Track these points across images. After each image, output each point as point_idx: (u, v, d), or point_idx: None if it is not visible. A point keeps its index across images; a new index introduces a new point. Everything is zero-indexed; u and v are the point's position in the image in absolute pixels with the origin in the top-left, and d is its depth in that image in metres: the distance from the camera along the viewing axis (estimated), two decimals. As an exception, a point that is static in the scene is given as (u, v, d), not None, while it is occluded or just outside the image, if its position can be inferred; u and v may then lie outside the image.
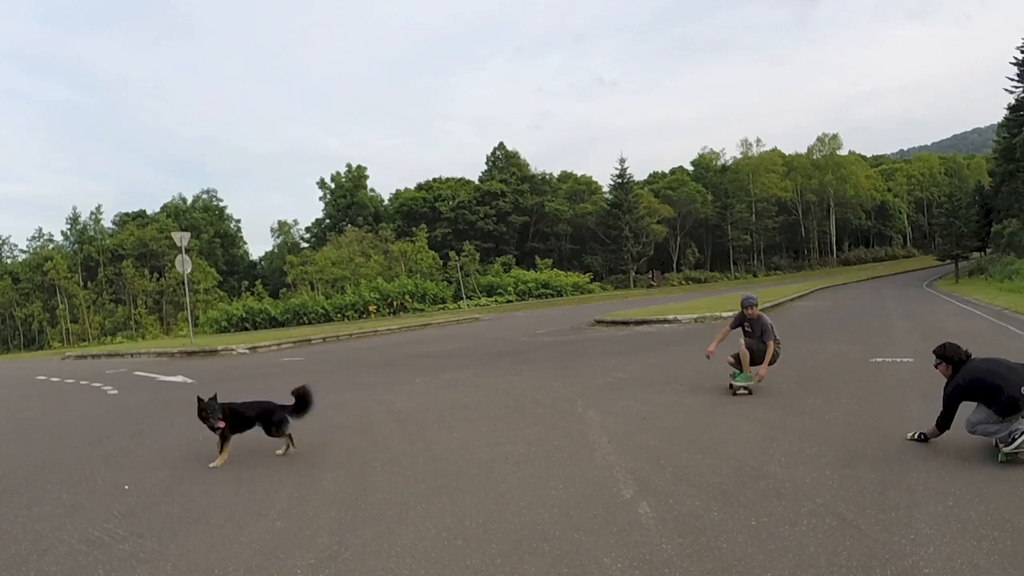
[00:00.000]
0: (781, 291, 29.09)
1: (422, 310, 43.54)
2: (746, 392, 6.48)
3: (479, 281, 52.67)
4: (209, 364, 14.98)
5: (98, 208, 76.91)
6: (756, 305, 6.77)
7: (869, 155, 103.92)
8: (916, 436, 4.52)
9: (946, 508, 3.27)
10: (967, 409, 4.22)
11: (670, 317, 16.87)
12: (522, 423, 5.85)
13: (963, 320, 13.81)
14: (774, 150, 77.14)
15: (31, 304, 54.73)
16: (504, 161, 72.83)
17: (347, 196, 70.47)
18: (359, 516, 3.68)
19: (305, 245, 71.41)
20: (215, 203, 76.19)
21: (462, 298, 47.35)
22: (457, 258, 52.16)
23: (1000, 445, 4.02)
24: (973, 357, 4.34)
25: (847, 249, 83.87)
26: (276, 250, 76.19)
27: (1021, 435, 3.91)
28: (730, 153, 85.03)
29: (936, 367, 4.47)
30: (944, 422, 4.30)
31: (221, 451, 5.08)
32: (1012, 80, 39.20)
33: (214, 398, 5.05)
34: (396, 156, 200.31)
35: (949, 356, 4.35)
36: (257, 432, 5.00)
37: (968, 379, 4.17)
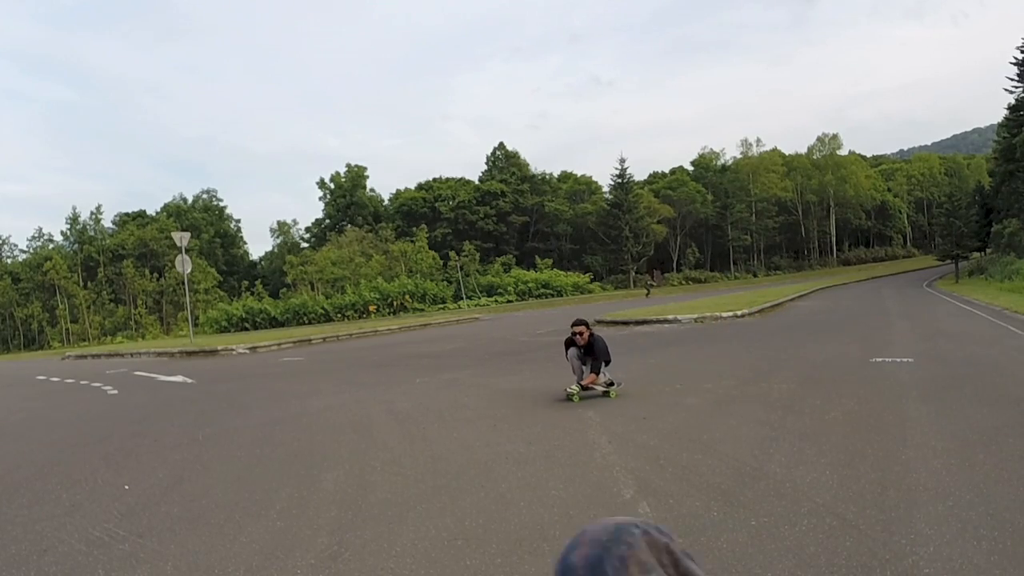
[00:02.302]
0: (781, 291, 29.09)
1: (422, 310, 43.53)
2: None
3: (479, 281, 52.65)
4: (209, 364, 14.98)
5: (98, 208, 76.64)
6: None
7: (869, 155, 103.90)
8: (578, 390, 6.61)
9: (946, 508, 3.26)
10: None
11: (670, 317, 16.87)
12: (522, 423, 5.85)
13: (963, 320, 13.79)
14: (774, 150, 77.09)
15: (31, 304, 54.70)
16: (504, 161, 72.82)
17: (347, 196, 70.47)
18: (359, 516, 3.67)
19: (305, 245, 71.39)
20: (215, 203, 76.17)
21: (462, 298, 47.33)
22: (457, 258, 52.12)
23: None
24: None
25: (847, 249, 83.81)
26: (276, 250, 76.17)
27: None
28: (730, 153, 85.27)
29: (580, 334, 6.55)
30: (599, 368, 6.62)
31: None
32: (1012, 80, 39.15)
33: None
34: (396, 156, 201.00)
35: (588, 323, 6.72)
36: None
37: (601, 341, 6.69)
